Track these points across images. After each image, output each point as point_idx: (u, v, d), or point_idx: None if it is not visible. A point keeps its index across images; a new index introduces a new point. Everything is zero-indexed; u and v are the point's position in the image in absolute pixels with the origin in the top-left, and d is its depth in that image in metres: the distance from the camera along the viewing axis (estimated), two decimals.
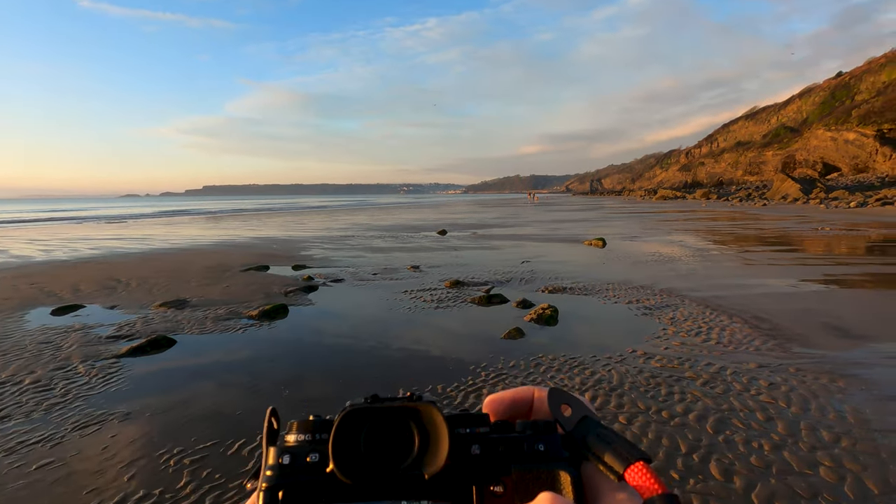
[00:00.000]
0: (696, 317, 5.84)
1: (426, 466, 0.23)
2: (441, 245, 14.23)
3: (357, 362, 4.51)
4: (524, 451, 0.25)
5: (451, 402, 3.68)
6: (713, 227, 19.28)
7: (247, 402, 3.68)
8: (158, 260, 11.60)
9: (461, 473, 0.24)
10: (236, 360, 4.61)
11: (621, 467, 0.24)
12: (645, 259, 10.61)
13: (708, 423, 3.19)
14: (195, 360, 4.64)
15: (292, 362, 4.52)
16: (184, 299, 7.12)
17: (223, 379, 4.16)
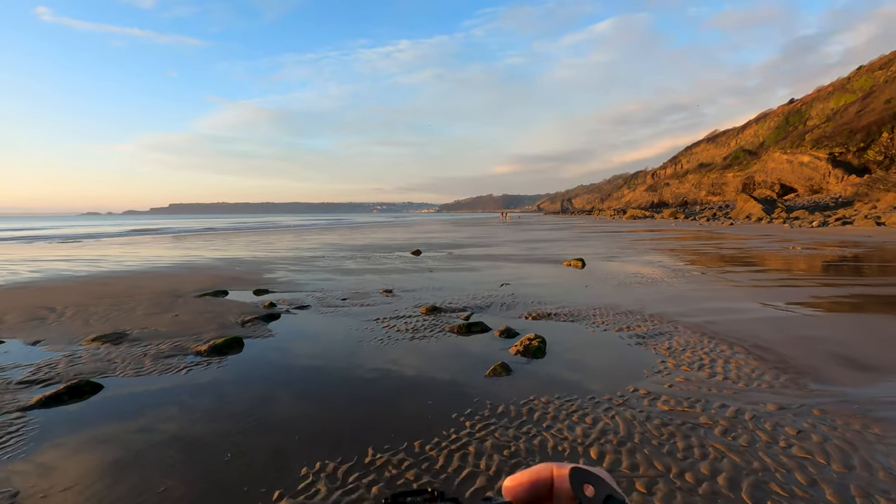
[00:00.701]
0: (694, 346, 5.38)
1: None
2: (415, 266, 13.59)
3: (318, 415, 3.82)
4: None
5: (432, 466, 3.04)
6: (687, 246, 19.30)
7: (178, 477, 2.94)
8: (105, 284, 10.56)
9: None
10: (172, 413, 3.84)
11: None
12: (627, 281, 10.24)
13: (744, 491, 2.65)
14: (120, 412, 3.85)
15: (240, 414, 3.79)
16: (123, 332, 6.25)
17: (151, 440, 3.39)
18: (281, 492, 2.73)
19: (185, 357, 5.27)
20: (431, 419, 3.66)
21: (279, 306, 7.98)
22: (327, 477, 2.87)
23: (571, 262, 13.18)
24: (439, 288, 9.64)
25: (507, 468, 2.96)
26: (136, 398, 4.15)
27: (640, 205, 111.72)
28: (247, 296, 9.04)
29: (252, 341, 5.92)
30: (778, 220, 38.62)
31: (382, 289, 9.47)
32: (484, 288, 9.52)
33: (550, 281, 10.46)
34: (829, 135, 71.20)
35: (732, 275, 10.80)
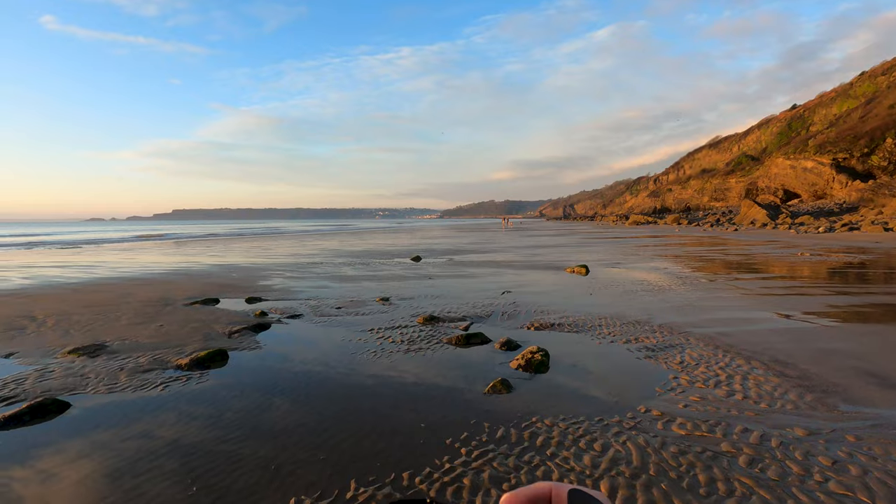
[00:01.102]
0: (707, 360, 5.02)
1: None
2: (414, 273, 13.26)
3: (298, 440, 3.47)
4: None
5: (419, 497, 2.68)
6: (693, 252, 18.93)
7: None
8: (94, 292, 10.25)
9: None
10: (135, 439, 3.50)
11: None
12: (633, 288, 9.88)
13: None
14: (85, 436, 3.51)
15: (212, 440, 3.45)
16: (102, 343, 5.93)
17: (103, 470, 3.06)
18: None
19: (163, 372, 4.94)
20: (424, 444, 3.32)
21: (271, 315, 7.65)
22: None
23: (575, 269, 12.83)
24: (438, 296, 9.29)
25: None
26: (104, 418, 3.81)
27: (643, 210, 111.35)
28: (238, 304, 8.72)
29: (237, 354, 5.58)
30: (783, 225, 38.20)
31: (379, 297, 9.14)
32: (484, 296, 9.18)
33: (553, 289, 10.11)
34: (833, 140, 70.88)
35: (742, 282, 10.43)
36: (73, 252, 24.89)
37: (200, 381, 4.68)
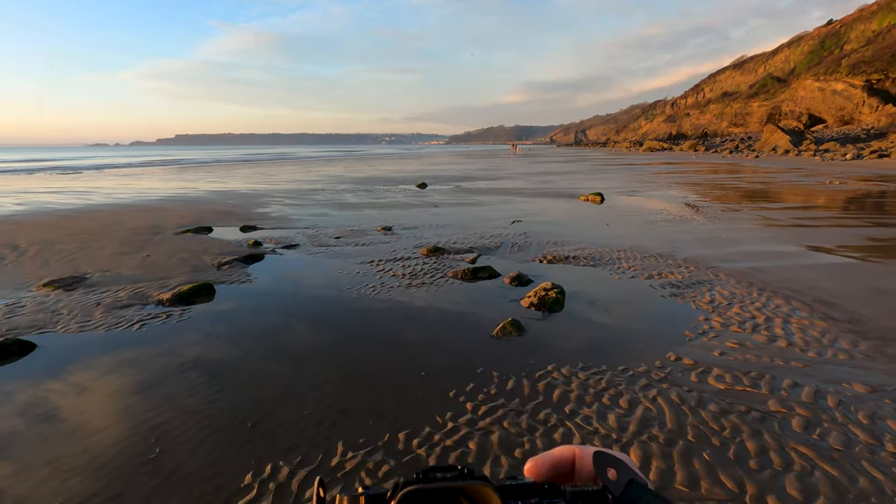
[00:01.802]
0: (742, 300, 4.51)
1: None
2: (419, 201, 12.62)
3: (280, 391, 3.07)
4: None
5: (416, 464, 2.30)
6: (713, 180, 17.97)
7: (79, 479, 2.23)
8: (85, 218, 9.79)
9: None
10: (104, 385, 3.12)
11: None
12: (652, 218, 9.24)
13: None
14: (46, 383, 3.14)
15: (186, 389, 3.05)
16: (81, 275, 5.51)
17: (77, 422, 2.68)
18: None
19: (143, 308, 4.53)
20: (423, 398, 2.90)
21: (265, 245, 7.18)
22: (277, 489, 2.14)
23: (589, 197, 12.11)
24: (443, 225, 8.73)
25: None
26: (68, 363, 3.43)
27: (658, 136, 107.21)
28: (232, 233, 8.23)
29: (225, 288, 5.15)
30: (807, 152, 36.40)
31: (381, 226, 8.59)
32: (493, 225, 8.61)
33: (566, 218, 9.50)
34: (868, 60, 66.01)
35: (769, 212, 9.73)
36: (73, 178, 24.31)
37: (181, 319, 4.27)
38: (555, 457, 0.31)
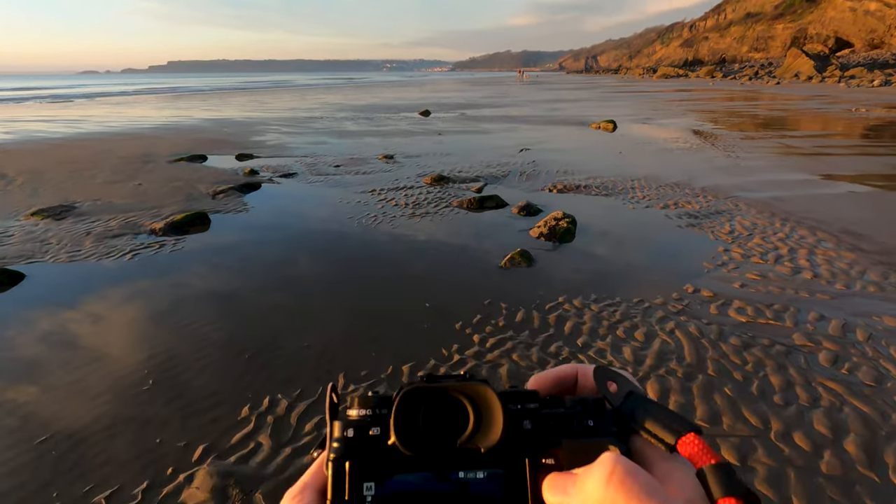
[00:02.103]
0: (764, 231, 4.27)
1: (482, 441, 0.24)
2: (422, 128, 12.07)
3: (279, 323, 2.93)
4: (574, 427, 0.25)
5: None
6: (732, 108, 17.09)
7: (75, 417, 2.14)
8: (75, 147, 9.42)
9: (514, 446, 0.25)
10: (93, 313, 2.99)
11: (672, 439, 0.23)
12: (667, 146, 8.78)
13: (892, 469, 1.75)
14: (32, 315, 3.01)
15: (178, 320, 2.92)
16: (71, 204, 5.29)
17: (65, 354, 2.57)
18: (207, 445, 1.91)
19: (135, 237, 4.35)
20: (428, 329, 2.77)
21: (262, 174, 6.88)
22: (275, 422, 2.04)
23: (601, 125, 11.53)
24: (448, 153, 8.34)
25: None
26: (60, 291, 3.30)
27: (673, 62, 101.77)
28: (228, 161, 7.90)
29: (220, 217, 4.94)
30: (831, 78, 34.49)
31: (382, 154, 8.21)
32: (499, 154, 8.21)
33: (577, 146, 9.05)
34: None
35: (792, 140, 9.23)
36: (64, 106, 23.43)
37: (175, 248, 4.10)
38: (557, 373, 0.31)
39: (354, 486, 0.25)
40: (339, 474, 0.25)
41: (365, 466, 0.25)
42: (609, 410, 0.28)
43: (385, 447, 0.25)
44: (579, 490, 0.23)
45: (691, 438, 0.24)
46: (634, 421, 0.26)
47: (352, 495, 0.25)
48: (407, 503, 0.25)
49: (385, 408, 0.26)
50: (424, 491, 0.25)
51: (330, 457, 0.25)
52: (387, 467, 0.25)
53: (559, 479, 0.25)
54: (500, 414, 0.25)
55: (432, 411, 0.25)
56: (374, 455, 0.25)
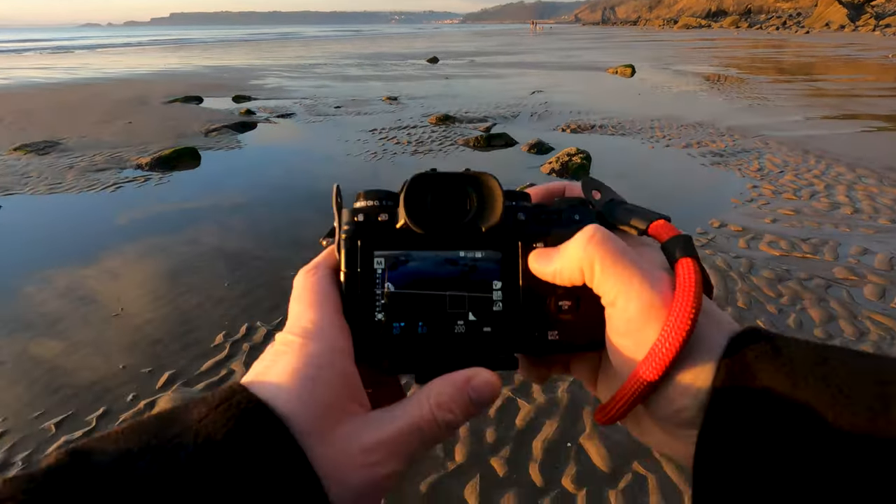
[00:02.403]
0: (796, 168, 3.92)
1: (483, 221, 0.26)
2: (430, 73, 11.50)
3: (264, 267, 2.71)
4: (561, 219, 0.27)
5: None
6: (756, 55, 16.12)
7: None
8: (69, 91, 9.08)
9: (509, 232, 0.27)
10: (64, 251, 2.79)
11: (644, 224, 0.25)
12: (689, 89, 8.24)
13: None
14: (7, 247, 2.81)
15: (155, 254, 2.70)
16: (57, 140, 5.03)
17: (14, 287, 2.38)
18: (173, 372, 1.72)
19: (120, 171, 4.10)
20: None
21: (258, 114, 6.53)
22: (251, 350, 1.84)
23: (618, 70, 10.88)
24: (455, 95, 7.89)
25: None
26: (29, 225, 3.09)
27: (695, 13, 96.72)
28: (224, 103, 7.54)
29: (212, 154, 4.66)
30: (865, 27, 32.52)
31: (386, 96, 7.79)
32: (510, 96, 7.74)
33: (593, 90, 8.52)
34: None
35: (824, 83, 8.62)
36: (64, 56, 22.82)
37: (161, 182, 3.85)
38: (548, 186, 0.32)
39: (366, 259, 0.26)
40: (352, 250, 0.26)
41: (375, 244, 0.26)
42: (594, 211, 0.29)
43: (394, 231, 0.26)
44: (561, 255, 0.25)
45: (660, 223, 0.25)
46: (614, 218, 0.28)
47: (364, 266, 0.26)
48: (415, 286, 0.26)
49: (391, 200, 0.27)
50: (431, 276, 0.27)
51: (341, 237, 0.26)
52: (396, 245, 0.26)
53: (544, 252, 0.26)
54: (500, 197, 0.26)
55: (439, 195, 0.26)
56: (383, 235, 0.26)
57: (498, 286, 0.27)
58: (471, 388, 0.23)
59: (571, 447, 1.42)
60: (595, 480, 1.32)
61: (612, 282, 0.23)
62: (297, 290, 0.25)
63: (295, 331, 0.23)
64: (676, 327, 0.21)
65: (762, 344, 0.20)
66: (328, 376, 0.21)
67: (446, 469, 1.36)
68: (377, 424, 0.22)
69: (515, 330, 0.27)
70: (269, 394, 0.20)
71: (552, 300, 0.26)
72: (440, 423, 0.22)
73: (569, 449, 1.41)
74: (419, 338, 0.26)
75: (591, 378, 0.29)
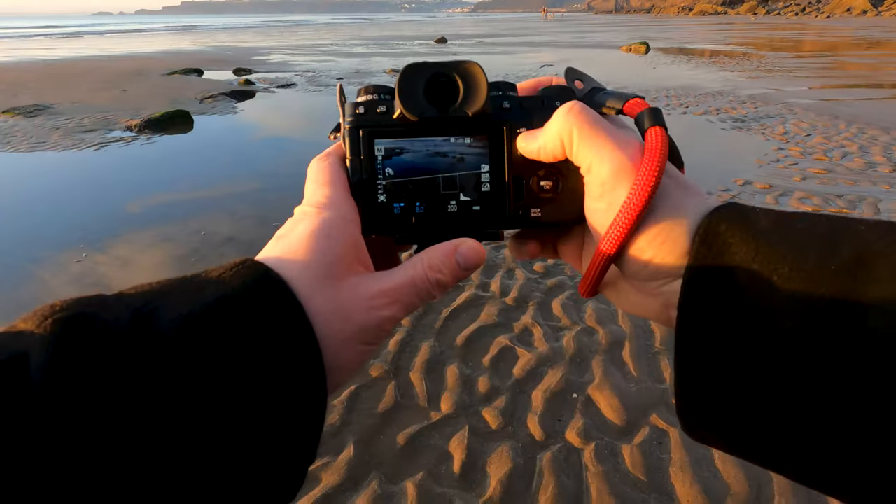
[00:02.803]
0: (825, 131, 3.64)
1: (469, 107, 0.27)
2: (437, 51, 11.22)
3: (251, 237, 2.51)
4: (544, 105, 0.29)
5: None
6: (777, 35, 15.59)
7: None
8: (69, 65, 8.94)
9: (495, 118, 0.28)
10: (36, 203, 2.61)
11: (621, 103, 0.26)
12: (708, 63, 7.89)
13: None
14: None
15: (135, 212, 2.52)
16: (47, 105, 4.87)
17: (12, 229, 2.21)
18: None
19: (107, 133, 3.92)
20: None
21: (257, 85, 6.33)
22: None
23: (632, 47, 10.51)
24: None
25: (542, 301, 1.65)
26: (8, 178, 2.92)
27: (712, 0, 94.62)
28: (224, 75, 7.35)
29: (206, 118, 4.47)
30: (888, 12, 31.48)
31: (390, 68, 7.55)
32: (518, 69, 7.46)
33: (605, 65, 8.20)
34: None
35: (849, 58, 8.22)
36: (72, 41, 22.76)
37: (149, 142, 3.67)
38: (536, 80, 0.32)
39: (368, 147, 0.28)
40: (355, 139, 0.28)
41: (376, 132, 0.28)
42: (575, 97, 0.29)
43: (391, 121, 0.28)
44: (544, 132, 0.27)
45: (634, 101, 0.26)
46: (594, 103, 0.28)
47: (366, 154, 0.28)
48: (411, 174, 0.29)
49: (388, 94, 0.29)
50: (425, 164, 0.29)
51: (345, 128, 0.28)
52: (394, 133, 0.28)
53: (530, 133, 0.28)
54: (484, 84, 0.27)
55: (429, 85, 0.28)
56: (382, 125, 0.28)
57: (486, 169, 0.29)
58: (458, 254, 0.26)
59: (578, 398, 1.21)
60: (606, 433, 1.11)
61: (587, 148, 0.25)
62: (312, 173, 0.27)
63: (311, 203, 0.25)
64: (643, 184, 0.22)
65: (733, 213, 0.21)
66: (340, 236, 0.24)
67: (429, 419, 1.16)
68: (380, 279, 0.25)
69: (501, 207, 0.29)
70: (275, 255, 0.23)
71: (535, 180, 0.28)
72: (432, 281, 0.25)
73: (574, 400, 1.20)
74: (417, 216, 0.29)
75: (577, 257, 0.30)
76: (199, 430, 0.18)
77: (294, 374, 0.20)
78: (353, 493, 0.99)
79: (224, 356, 0.19)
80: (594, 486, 0.99)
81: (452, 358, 1.36)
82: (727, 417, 0.20)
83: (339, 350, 0.22)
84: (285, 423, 0.20)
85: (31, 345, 0.16)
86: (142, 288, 0.20)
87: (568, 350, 1.37)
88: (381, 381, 1.28)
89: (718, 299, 0.20)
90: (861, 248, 0.18)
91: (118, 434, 0.16)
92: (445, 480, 1.02)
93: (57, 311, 0.17)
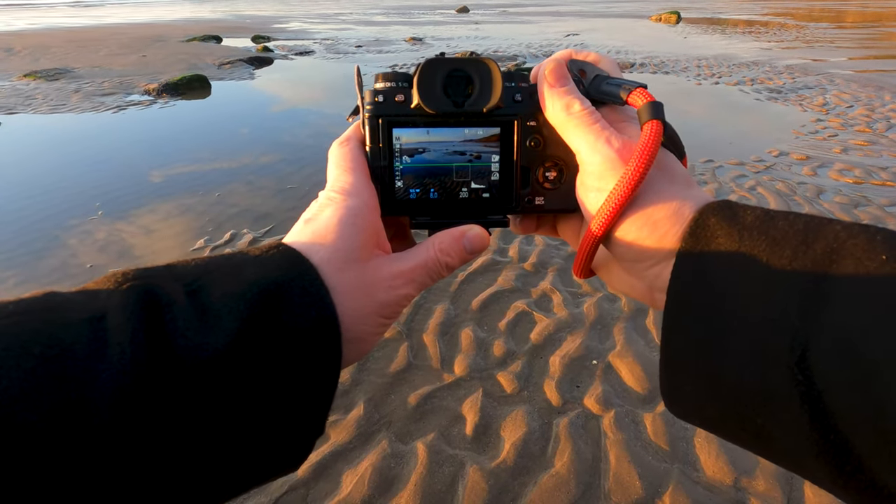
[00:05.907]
0: (869, 103, 3.43)
1: (484, 103, 0.29)
2: (458, 20, 10.91)
3: (273, 179, 2.48)
4: None
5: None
6: (817, 5, 14.76)
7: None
8: (90, 32, 8.93)
9: (507, 112, 0.30)
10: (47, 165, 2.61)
11: (625, 94, 0.27)
12: (742, 34, 7.51)
13: None
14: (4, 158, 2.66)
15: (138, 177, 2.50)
16: (67, 69, 4.87)
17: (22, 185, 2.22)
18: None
19: (126, 96, 3.91)
20: None
21: (276, 52, 6.24)
22: None
23: (662, 17, 10.06)
24: (485, 37, 7.39)
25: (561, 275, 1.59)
26: (27, 139, 2.93)
27: None
28: (243, 42, 7.26)
29: (222, 84, 4.43)
30: None
31: (410, 36, 7.36)
32: (543, 38, 7.20)
33: (634, 34, 7.87)
34: None
35: (890, 29, 7.73)
36: (95, 8, 22.80)
37: (166, 105, 3.65)
38: (556, 56, 0.33)
39: (387, 135, 0.29)
40: (375, 127, 0.29)
41: (394, 122, 0.29)
42: (582, 91, 0.30)
43: (409, 110, 0.29)
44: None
45: (638, 91, 0.26)
46: (598, 92, 0.29)
47: (385, 142, 0.29)
48: (425, 162, 0.30)
49: (406, 82, 0.30)
50: (439, 156, 0.30)
51: (365, 116, 0.29)
52: (412, 123, 0.29)
53: None
54: (499, 82, 0.29)
55: (447, 80, 0.29)
56: (400, 114, 0.29)
57: (496, 160, 0.30)
58: (465, 239, 0.28)
59: (598, 364, 1.16)
60: (627, 401, 1.06)
61: (582, 140, 0.26)
62: (335, 157, 0.29)
63: (336, 189, 0.27)
64: (631, 174, 0.24)
65: (723, 209, 0.22)
66: (363, 224, 0.26)
67: (442, 381, 1.12)
68: (397, 260, 0.27)
69: (508, 195, 0.30)
70: (305, 240, 0.25)
71: (541, 171, 0.30)
72: (441, 263, 0.27)
73: (594, 367, 1.15)
74: (431, 202, 0.31)
75: (575, 237, 0.31)
76: (227, 401, 0.20)
77: (312, 354, 0.22)
78: (363, 450, 0.97)
79: (257, 335, 0.20)
80: (613, 453, 0.95)
81: (467, 321, 1.31)
82: (702, 395, 0.21)
83: (362, 323, 0.25)
84: (297, 398, 0.22)
85: (108, 308, 0.19)
86: (187, 263, 0.22)
87: (589, 316, 1.31)
88: (394, 342, 1.24)
89: (702, 284, 0.21)
90: (832, 244, 0.19)
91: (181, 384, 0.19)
92: (457, 442, 0.98)
93: (129, 279, 0.20)
